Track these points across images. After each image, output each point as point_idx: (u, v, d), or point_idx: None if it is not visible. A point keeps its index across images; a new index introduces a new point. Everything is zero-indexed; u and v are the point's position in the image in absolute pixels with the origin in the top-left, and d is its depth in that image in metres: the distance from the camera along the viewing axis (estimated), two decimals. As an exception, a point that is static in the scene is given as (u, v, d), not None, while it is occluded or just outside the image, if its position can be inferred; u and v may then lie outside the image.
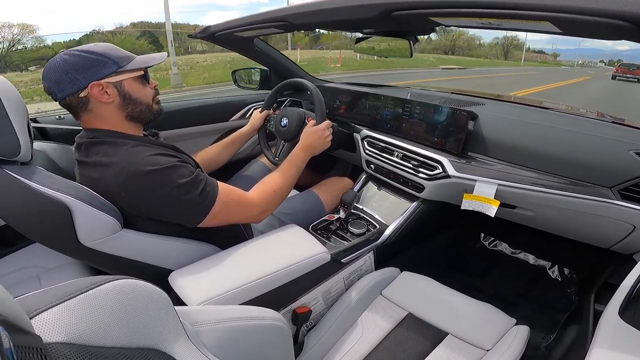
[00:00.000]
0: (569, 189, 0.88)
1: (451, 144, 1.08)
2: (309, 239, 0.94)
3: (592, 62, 60.36)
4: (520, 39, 54.81)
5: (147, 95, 0.89)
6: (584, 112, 1.19)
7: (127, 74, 0.83)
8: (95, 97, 0.80)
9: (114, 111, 0.84)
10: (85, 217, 0.74)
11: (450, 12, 0.69)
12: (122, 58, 0.82)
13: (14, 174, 0.73)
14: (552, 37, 37.06)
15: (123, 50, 0.85)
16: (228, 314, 0.59)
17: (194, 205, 0.79)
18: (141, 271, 0.84)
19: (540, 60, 62.35)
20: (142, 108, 0.87)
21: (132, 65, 0.83)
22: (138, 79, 0.86)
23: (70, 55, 0.77)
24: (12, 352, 0.21)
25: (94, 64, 0.78)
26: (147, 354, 0.37)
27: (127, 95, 0.84)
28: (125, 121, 0.86)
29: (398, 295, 0.97)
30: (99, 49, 0.80)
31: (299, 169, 1.06)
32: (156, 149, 0.83)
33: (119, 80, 0.82)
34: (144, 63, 0.86)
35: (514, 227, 1.15)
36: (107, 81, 0.80)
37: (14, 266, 1.03)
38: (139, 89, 0.86)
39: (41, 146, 0.99)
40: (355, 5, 0.82)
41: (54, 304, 0.33)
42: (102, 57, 0.79)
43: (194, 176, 0.80)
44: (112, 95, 0.81)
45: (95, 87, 0.79)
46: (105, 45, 0.83)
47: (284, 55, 1.71)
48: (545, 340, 1.15)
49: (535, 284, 1.41)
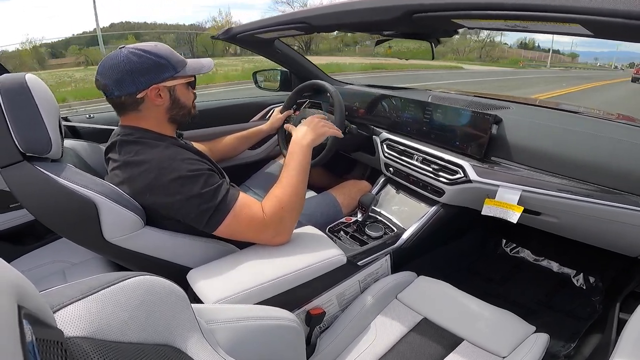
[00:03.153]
0: (598, 196, 0.84)
1: (473, 148, 1.05)
2: (325, 240, 0.94)
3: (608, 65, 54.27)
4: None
5: (190, 100, 0.93)
6: (613, 115, 1.14)
7: (181, 79, 0.86)
8: (150, 99, 0.83)
9: (161, 113, 0.87)
10: (111, 213, 0.77)
11: (473, 14, 0.67)
12: (179, 63, 0.85)
13: (45, 170, 0.76)
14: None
15: (178, 54, 0.88)
16: (243, 313, 0.59)
17: (208, 215, 0.79)
18: (161, 268, 0.86)
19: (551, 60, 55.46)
20: (184, 112, 0.91)
21: (186, 72, 0.86)
22: (187, 85, 0.90)
23: (134, 54, 0.79)
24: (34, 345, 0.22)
25: (157, 67, 0.81)
26: (162, 350, 0.38)
27: (176, 99, 0.87)
28: (166, 122, 0.89)
29: (414, 299, 0.95)
30: (161, 51, 0.83)
31: (300, 168, 0.93)
32: (187, 153, 0.85)
33: (173, 85, 0.85)
34: (195, 70, 0.89)
35: (537, 233, 1.11)
36: (164, 85, 0.83)
37: (41, 260, 1.08)
38: (186, 93, 0.90)
39: (71, 144, 1.03)
40: (376, 7, 0.82)
41: (77, 299, 0.34)
42: (163, 60, 0.82)
43: (216, 187, 0.81)
44: (164, 98, 0.85)
45: (154, 89, 0.82)
46: (164, 46, 0.86)
47: (305, 57, 1.72)
48: (565, 349, 1.11)
49: (558, 292, 1.36)
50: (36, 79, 0.80)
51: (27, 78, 0.77)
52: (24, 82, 0.76)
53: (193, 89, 0.94)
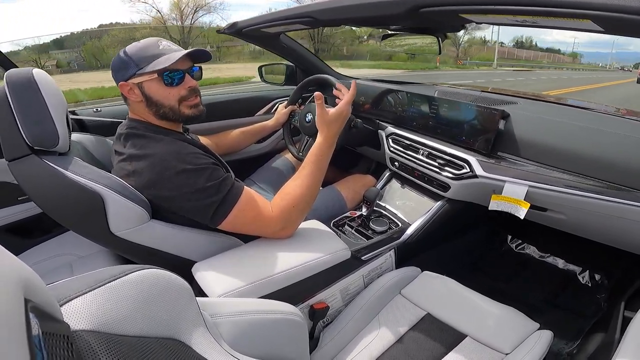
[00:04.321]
0: (606, 193, 0.83)
1: (480, 143, 1.04)
2: (329, 235, 0.95)
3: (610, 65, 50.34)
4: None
5: (168, 97, 0.86)
6: (622, 112, 1.12)
7: (145, 76, 0.83)
8: (127, 95, 0.86)
9: (144, 109, 0.88)
10: (117, 206, 0.78)
11: (482, 9, 0.66)
12: (144, 59, 0.82)
13: (52, 163, 0.77)
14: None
15: (157, 49, 0.84)
16: (247, 306, 0.60)
17: (213, 209, 0.80)
18: (166, 261, 0.87)
19: (547, 60, 47.58)
20: (165, 110, 0.87)
21: (150, 67, 0.82)
22: (157, 81, 0.84)
23: (118, 54, 0.85)
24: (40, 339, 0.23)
25: (122, 66, 0.84)
26: (167, 344, 0.39)
27: (147, 96, 0.86)
28: (158, 118, 0.89)
29: (417, 295, 0.95)
30: (130, 49, 0.84)
31: (324, 169, 0.94)
32: (192, 148, 0.85)
33: (139, 82, 0.85)
34: (159, 64, 0.82)
35: (543, 230, 1.10)
36: (132, 82, 0.84)
37: (48, 253, 1.10)
38: (159, 90, 0.85)
39: (79, 137, 1.04)
40: (382, 1, 0.81)
41: (83, 292, 0.34)
42: (126, 58, 0.83)
43: (220, 180, 0.81)
44: (137, 95, 0.86)
45: (124, 87, 0.85)
46: (140, 43, 0.85)
47: (310, 52, 1.71)
48: (568, 347, 1.11)
49: (563, 289, 1.35)
50: (43, 74, 0.80)
51: (35, 72, 0.78)
52: (32, 76, 0.77)
53: (173, 85, 0.85)
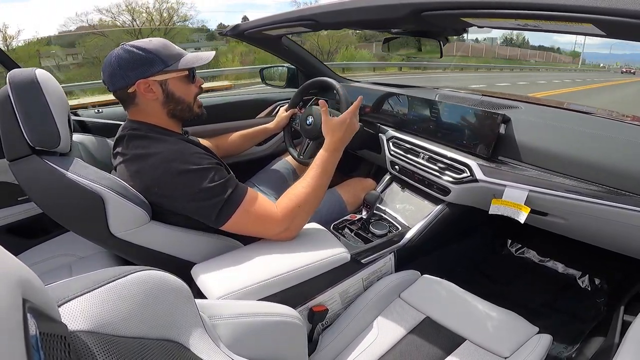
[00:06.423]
0: (607, 198, 0.83)
1: (481, 147, 1.04)
2: (329, 238, 0.94)
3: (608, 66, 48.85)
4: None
5: (189, 94, 0.91)
6: (623, 116, 1.12)
7: (173, 74, 0.86)
8: (141, 93, 0.84)
9: (158, 107, 0.87)
10: (117, 207, 0.78)
11: (483, 13, 0.66)
12: (170, 56, 0.85)
13: (53, 164, 0.77)
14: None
15: (176, 48, 0.88)
16: (246, 309, 0.60)
17: (217, 209, 0.80)
18: (166, 263, 0.87)
19: (544, 61, 42.48)
20: (183, 107, 0.91)
21: (179, 65, 0.86)
22: (183, 78, 0.89)
23: (125, 50, 0.82)
24: (38, 339, 0.23)
25: (144, 62, 0.82)
26: (165, 345, 0.39)
27: (170, 93, 0.87)
28: (167, 117, 0.90)
29: (417, 298, 0.95)
30: (152, 46, 0.83)
31: (329, 173, 0.95)
32: (195, 148, 0.86)
33: (164, 79, 0.85)
34: (190, 63, 0.88)
35: (543, 234, 1.10)
36: (154, 79, 0.84)
37: (48, 254, 1.10)
38: (182, 87, 0.89)
39: (80, 138, 1.04)
40: (384, 4, 0.81)
41: (81, 293, 0.34)
42: (151, 55, 0.82)
43: (224, 181, 0.81)
44: (156, 93, 0.85)
45: (142, 84, 0.83)
46: (159, 41, 0.86)
47: (312, 54, 1.72)
48: (567, 351, 1.11)
49: (563, 294, 1.35)
50: (46, 74, 0.81)
51: (38, 73, 0.78)
52: (34, 77, 0.77)
53: (193, 82, 0.92)
